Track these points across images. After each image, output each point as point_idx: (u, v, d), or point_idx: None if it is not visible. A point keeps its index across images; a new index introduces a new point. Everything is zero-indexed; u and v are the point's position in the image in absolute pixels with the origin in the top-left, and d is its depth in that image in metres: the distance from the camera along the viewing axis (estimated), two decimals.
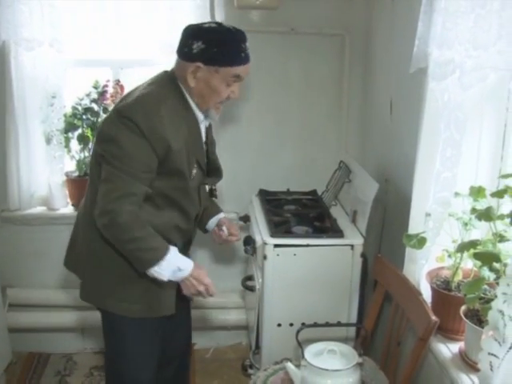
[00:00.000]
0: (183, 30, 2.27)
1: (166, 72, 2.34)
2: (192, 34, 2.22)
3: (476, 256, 1.92)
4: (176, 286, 2.38)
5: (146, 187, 2.17)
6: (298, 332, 2.41)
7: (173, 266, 2.23)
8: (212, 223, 2.69)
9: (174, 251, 2.24)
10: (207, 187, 2.57)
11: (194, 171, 2.32)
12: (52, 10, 3.10)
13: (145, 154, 2.13)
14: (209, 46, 2.18)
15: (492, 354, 1.61)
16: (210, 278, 2.35)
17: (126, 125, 2.11)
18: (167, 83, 2.28)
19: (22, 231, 3.45)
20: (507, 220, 1.88)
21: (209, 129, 2.51)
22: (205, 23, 2.29)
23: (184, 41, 2.24)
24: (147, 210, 2.24)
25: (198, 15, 3.12)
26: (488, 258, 1.89)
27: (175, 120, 2.21)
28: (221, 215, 2.72)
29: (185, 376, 2.92)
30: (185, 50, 2.22)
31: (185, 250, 2.49)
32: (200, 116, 2.34)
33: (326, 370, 2.23)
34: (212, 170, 2.53)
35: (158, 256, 2.19)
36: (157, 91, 2.24)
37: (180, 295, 2.42)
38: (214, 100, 2.28)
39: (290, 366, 2.37)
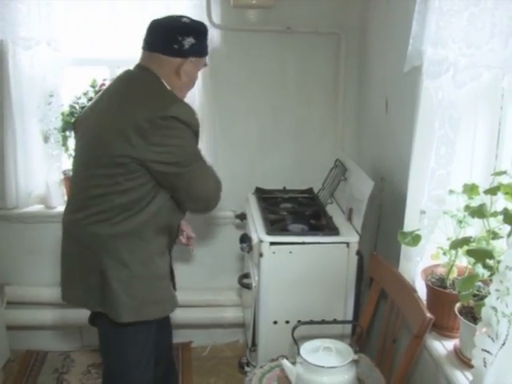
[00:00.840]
0: (162, 27, 2.31)
1: (140, 72, 2.33)
2: (179, 30, 2.26)
3: (469, 253, 1.94)
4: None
5: None
6: (293, 329, 2.41)
7: None
8: None
9: None
10: None
11: None
12: (49, 9, 3.10)
13: (194, 140, 2.30)
14: (199, 39, 2.29)
15: (485, 351, 1.62)
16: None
17: (176, 124, 2.18)
18: (155, 80, 2.29)
19: (20, 229, 3.46)
20: (500, 217, 1.89)
21: None
22: (177, 17, 2.36)
23: (171, 37, 2.26)
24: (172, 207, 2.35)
25: (194, 14, 3.12)
26: (481, 255, 1.90)
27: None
28: None
29: (174, 371, 2.93)
30: (174, 47, 2.25)
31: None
32: None
33: (322, 367, 2.24)
34: None
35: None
36: (164, 88, 2.28)
37: None
38: (188, 91, 2.41)
39: (285, 363, 2.38)
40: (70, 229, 2.36)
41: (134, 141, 2.13)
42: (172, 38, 2.25)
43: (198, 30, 2.30)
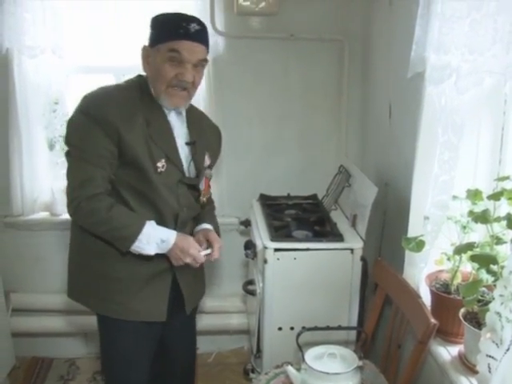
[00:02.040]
0: None
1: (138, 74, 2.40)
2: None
3: (473, 258, 1.93)
4: (167, 292, 2.40)
5: (106, 172, 2.20)
6: (298, 335, 2.42)
7: (154, 238, 2.24)
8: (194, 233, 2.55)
9: (151, 224, 2.24)
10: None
11: (161, 164, 2.27)
12: (54, 18, 3.12)
13: (98, 139, 2.16)
14: (152, 27, 2.27)
15: (490, 356, 1.62)
16: (195, 247, 2.33)
17: (78, 114, 2.20)
18: (131, 80, 2.36)
19: (25, 236, 3.47)
20: (504, 222, 1.89)
21: (194, 126, 2.48)
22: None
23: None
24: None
25: None
26: (485, 261, 1.89)
27: (128, 109, 2.22)
28: (201, 226, 2.55)
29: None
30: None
31: None
32: (166, 110, 2.35)
33: (327, 373, 2.24)
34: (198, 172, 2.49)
35: (135, 231, 2.20)
36: (113, 84, 2.35)
37: (175, 306, 2.45)
38: (162, 83, 2.26)
39: (290, 369, 2.38)
40: None
41: None
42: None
43: (154, 20, 2.28)
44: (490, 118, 2.23)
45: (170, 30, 2.22)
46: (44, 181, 3.40)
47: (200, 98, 3.23)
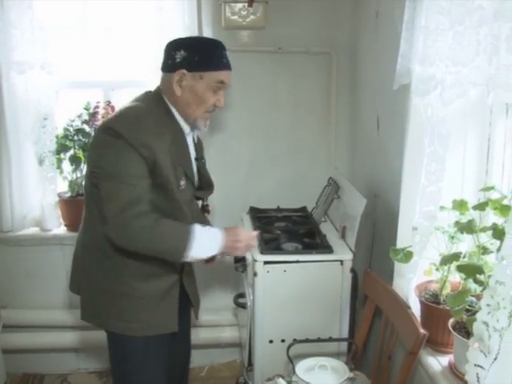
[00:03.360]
0: (165, 46, 2.34)
1: (149, 91, 2.40)
2: (173, 46, 2.29)
3: (459, 268, 1.94)
4: (177, 303, 2.42)
5: (148, 192, 2.20)
6: (288, 348, 2.42)
7: (204, 240, 2.25)
8: None
9: (197, 228, 2.25)
10: (199, 203, 2.59)
11: (183, 182, 2.33)
12: (43, 33, 3.15)
13: (135, 161, 2.16)
14: (191, 52, 2.25)
15: (478, 366, 1.62)
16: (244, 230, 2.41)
17: (112, 136, 2.16)
18: (150, 98, 2.34)
19: (15, 252, 3.46)
20: (490, 232, 1.90)
21: (198, 144, 2.55)
22: (181, 37, 2.39)
23: (166, 55, 2.31)
24: None
25: (186, 36, 3.16)
26: (471, 270, 1.90)
27: (158, 130, 2.24)
28: None
29: None
30: (168, 63, 2.28)
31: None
32: (186, 128, 2.38)
33: None
34: (204, 185, 2.55)
35: (186, 241, 2.19)
36: (138, 105, 2.30)
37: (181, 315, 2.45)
38: (201, 108, 2.32)
39: (281, 382, 2.37)
40: None
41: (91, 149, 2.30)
42: (167, 55, 2.30)
43: (190, 43, 2.30)
44: (475, 129, 2.25)
45: (217, 60, 2.29)
46: (34, 196, 3.40)
47: None
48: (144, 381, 2.45)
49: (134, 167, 2.16)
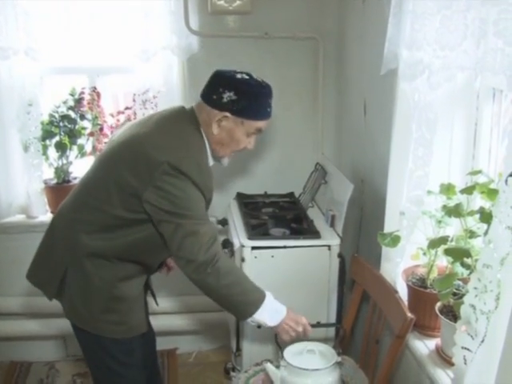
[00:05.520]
0: (213, 76, 2.28)
1: (186, 111, 2.32)
2: (224, 82, 2.22)
3: (447, 252, 1.96)
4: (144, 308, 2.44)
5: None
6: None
7: (271, 307, 2.28)
8: None
9: (269, 293, 2.29)
10: None
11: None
12: (27, 18, 3.10)
13: (202, 202, 2.18)
14: (240, 97, 2.18)
15: (465, 348, 1.64)
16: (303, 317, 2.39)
17: (184, 180, 2.10)
18: (195, 127, 2.27)
19: (1, 240, 3.44)
20: (477, 216, 1.91)
21: None
22: (236, 72, 2.26)
23: (214, 87, 2.23)
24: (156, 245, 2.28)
25: (172, 21, 3.15)
26: (458, 254, 1.92)
27: (210, 170, 2.26)
28: None
29: (159, 378, 2.90)
30: (213, 97, 2.21)
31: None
32: (211, 161, 2.36)
33: (306, 369, 2.24)
34: None
35: (261, 297, 2.24)
36: (194, 138, 2.24)
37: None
38: (232, 149, 2.31)
39: (269, 366, 2.38)
40: (56, 219, 2.39)
41: (141, 173, 2.12)
42: (214, 88, 2.23)
43: (242, 87, 2.20)
44: (463, 114, 2.26)
45: (262, 110, 2.26)
46: (19, 183, 3.38)
47: (175, 98, 3.24)
48: (131, 378, 2.44)
49: (203, 207, 2.19)
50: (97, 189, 2.25)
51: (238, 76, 2.23)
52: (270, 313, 2.27)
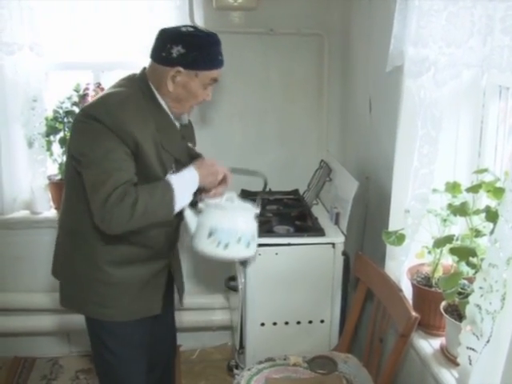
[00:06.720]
0: (159, 34, 2.24)
1: (134, 74, 2.33)
2: (170, 38, 2.19)
3: (452, 251, 1.94)
4: (163, 289, 2.41)
5: (131, 175, 2.13)
6: None
7: (184, 187, 2.21)
8: None
9: (174, 180, 2.19)
10: None
11: (171, 171, 2.27)
12: (32, 14, 3.09)
13: (117, 146, 2.09)
14: (189, 50, 2.16)
15: (470, 348, 1.63)
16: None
17: (92, 124, 2.10)
18: (135, 84, 2.26)
19: (5, 235, 3.43)
20: (483, 215, 1.90)
21: (185, 128, 2.46)
22: (181, 27, 2.25)
23: (161, 45, 2.20)
24: None
25: (177, 16, 3.13)
26: (464, 253, 1.91)
27: (141, 117, 2.17)
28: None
29: (170, 379, 2.91)
30: (162, 55, 2.19)
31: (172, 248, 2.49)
32: (171, 117, 2.32)
33: (224, 207, 2.24)
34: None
35: (171, 194, 2.15)
36: (122, 90, 2.23)
37: (164, 297, 2.44)
38: (191, 103, 2.28)
39: (187, 212, 2.26)
40: None
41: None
42: (162, 46, 2.20)
43: (189, 39, 2.17)
44: (468, 111, 2.24)
45: (213, 59, 2.23)
46: (23, 179, 3.38)
47: None
48: (121, 366, 2.44)
49: (117, 152, 2.09)
50: (67, 165, 2.31)
51: (183, 29, 2.21)
52: (187, 190, 2.22)
